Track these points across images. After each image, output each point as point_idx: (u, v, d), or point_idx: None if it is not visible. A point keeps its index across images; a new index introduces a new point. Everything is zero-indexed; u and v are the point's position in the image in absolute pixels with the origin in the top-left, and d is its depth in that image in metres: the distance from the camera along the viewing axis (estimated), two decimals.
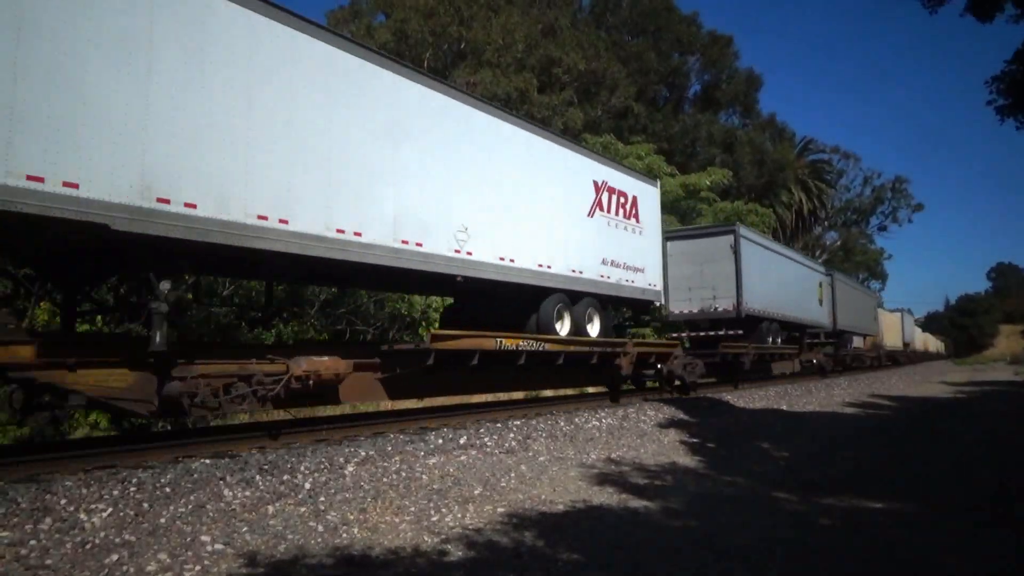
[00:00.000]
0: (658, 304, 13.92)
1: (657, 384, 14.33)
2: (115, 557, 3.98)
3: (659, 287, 13.46)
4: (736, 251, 17.05)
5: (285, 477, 5.74)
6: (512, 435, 8.36)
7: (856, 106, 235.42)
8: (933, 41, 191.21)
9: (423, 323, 16.33)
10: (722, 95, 43.33)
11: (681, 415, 11.55)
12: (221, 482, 5.40)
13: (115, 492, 4.92)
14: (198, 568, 3.93)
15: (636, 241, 12.73)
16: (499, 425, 8.91)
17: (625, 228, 12.41)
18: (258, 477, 5.62)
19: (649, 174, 16.15)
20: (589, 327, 11.31)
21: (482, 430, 8.40)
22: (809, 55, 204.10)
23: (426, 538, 4.65)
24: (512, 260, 9.54)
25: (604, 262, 11.64)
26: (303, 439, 7.56)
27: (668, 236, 16.99)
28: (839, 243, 64.97)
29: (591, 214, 11.44)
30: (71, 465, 5.81)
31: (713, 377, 17.01)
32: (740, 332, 17.20)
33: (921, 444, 9.79)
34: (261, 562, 4.06)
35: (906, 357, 46.95)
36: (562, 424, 9.42)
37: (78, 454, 6.25)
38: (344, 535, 4.67)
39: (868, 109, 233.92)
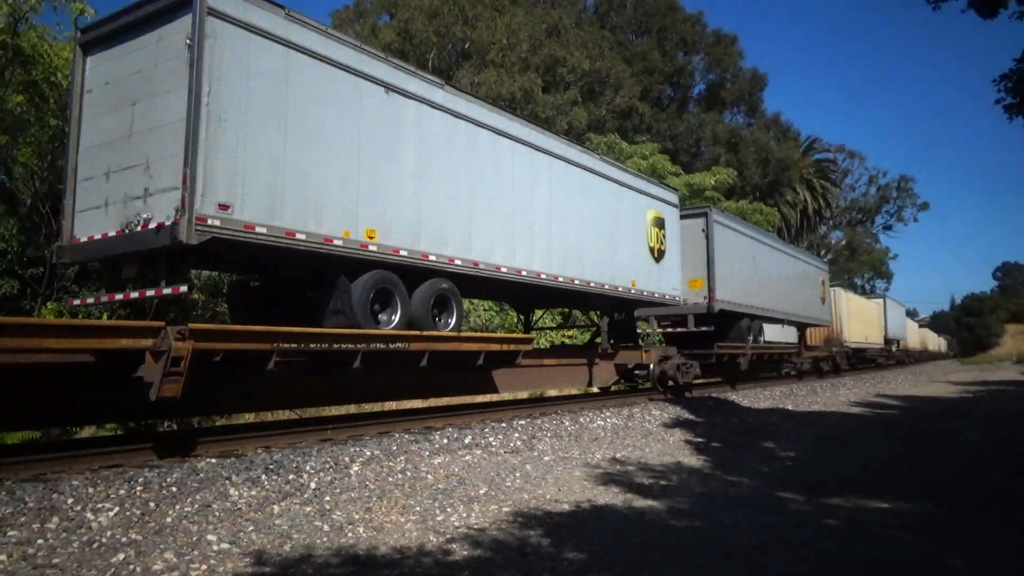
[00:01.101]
0: None
1: None
2: (121, 556, 3.98)
3: None
4: (199, 60, 5.91)
5: (291, 476, 5.75)
6: (517, 435, 8.36)
7: (861, 105, 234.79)
8: (938, 39, 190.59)
9: None
10: (727, 94, 43.31)
11: (686, 415, 11.53)
12: (227, 481, 5.41)
13: (121, 491, 4.94)
14: (204, 567, 3.94)
15: None
16: (504, 425, 8.92)
17: None
18: (264, 476, 5.64)
19: None
20: None
21: (487, 430, 8.40)
22: (814, 54, 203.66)
23: (431, 538, 4.65)
24: None
25: None
26: (308, 439, 7.57)
27: (82, 40, 6.96)
28: (844, 242, 64.90)
29: None
30: (78, 464, 5.83)
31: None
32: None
33: (928, 444, 9.74)
34: (267, 561, 4.07)
35: (891, 358, 36.75)
36: (567, 424, 9.42)
37: (84, 453, 6.26)
38: (350, 534, 4.67)
39: (873, 108, 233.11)
